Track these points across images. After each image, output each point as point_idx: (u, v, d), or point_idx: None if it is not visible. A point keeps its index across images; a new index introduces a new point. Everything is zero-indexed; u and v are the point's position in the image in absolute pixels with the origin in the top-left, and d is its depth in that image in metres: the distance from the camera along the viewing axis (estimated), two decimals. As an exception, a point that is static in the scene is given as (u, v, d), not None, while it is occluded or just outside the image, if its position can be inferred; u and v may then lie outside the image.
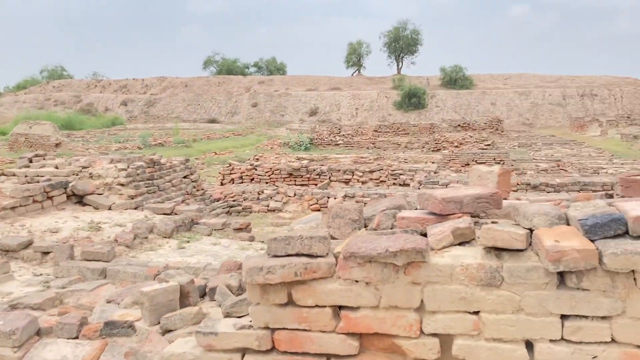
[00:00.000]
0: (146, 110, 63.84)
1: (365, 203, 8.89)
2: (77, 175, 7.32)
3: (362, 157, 20.30)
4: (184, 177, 8.28)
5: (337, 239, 2.37)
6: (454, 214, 2.07)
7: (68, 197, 6.13)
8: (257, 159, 20.47)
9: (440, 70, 62.00)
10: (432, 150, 25.14)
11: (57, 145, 26.37)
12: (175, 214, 5.77)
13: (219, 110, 62.31)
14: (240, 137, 39.35)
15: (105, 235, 4.69)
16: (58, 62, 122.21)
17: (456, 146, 25.14)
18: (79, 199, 6.20)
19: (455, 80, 59.31)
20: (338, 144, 29.19)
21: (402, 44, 69.14)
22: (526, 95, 54.32)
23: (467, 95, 55.75)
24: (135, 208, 5.96)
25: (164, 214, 5.79)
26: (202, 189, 10.05)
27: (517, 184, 9.99)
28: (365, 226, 2.42)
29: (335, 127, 31.29)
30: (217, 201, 9.94)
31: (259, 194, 10.09)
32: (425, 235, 2.09)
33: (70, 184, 6.22)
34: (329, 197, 9.39)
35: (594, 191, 9.81)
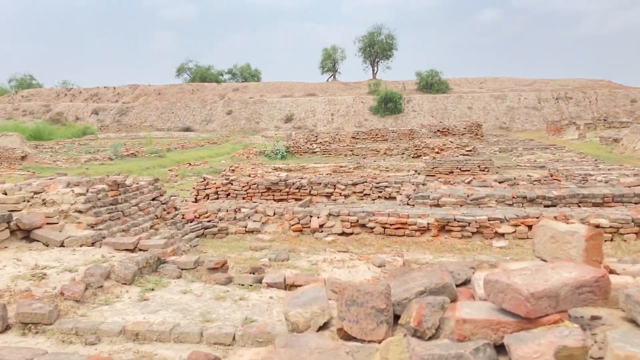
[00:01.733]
0: (118, 119, 62.33)
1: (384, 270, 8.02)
2: (28, 202, 6.42)
3: (341, 166, 19.60)
4: (153, 199, 7.43)
5: (355, 339, 1.60)
6: (547, 315, 1.33)
7: (12, 232, 5.21)
8: (233, 170, 19.62)
9: (416, 75, 61.83)
10: (413, 157, 24.58)
11: (23, 158, 25.14)
12: (140, 249, 4.93)
13: (193, 119, 61.12)
14: (215, 146, 38.46)
15: (51, 286, 3.82)
16: (27, 71, 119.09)
17: (437, 152, 24.64)
18: (26, 234, 5.29)
19: (431, 84, 59.18)
20: (315, 152, 28.43)
21: (377, 49, 68.93)
22: (502, 99, 54.40)
23: (443, 99, 55.63)
24: (92, 244, 5.08)
25: (126, 249, 4.94)
26: (175, 209, 9.20)
27: (513, 197, 9.35)
28: (396, 317, 1.66)
29: (312, 135, 30.53)
30: (191, 222, 9.09)
31: (235, 212, 9.26)
32: (500, 347, 1.34)
33: (14, 218, 5.31)
34: (311, 216, 8.61)
35: (594, 204, 9.23)
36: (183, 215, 9.29)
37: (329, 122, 56.67)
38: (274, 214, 8.90)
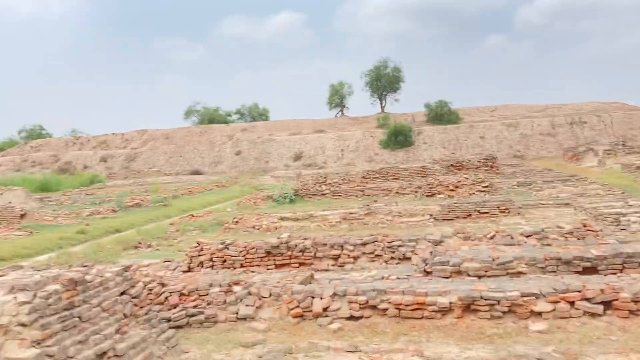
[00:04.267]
0: (126, 165, 61.95)
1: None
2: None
3: (351, 213, 18.39)
4: (121, 294, 6.28)
5: None
6: None
7: None
8: (237, 222, 18.55)
9: (425, 106, 61.07)
10: (427, 196, 23.30)
11: (22, 216, 24.09)
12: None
13: (202, 161, 60.58)
14: (223, 190, 37.57)
15: None
16: (37, 121, 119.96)
17: (452, 190, 23.37)
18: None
19: (441, 115, 58.28)
20: (325, 194, 27.26)
21: (384, 82, 68.42)
22: (514, 126, 53.19)
23: (454, 130, 54.55)
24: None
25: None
26: (149, 303, 8.06)
27: (546, 259, 8.05)
28: None
29: (321, 176, 29.46)
30: (174, 307, 7.91)
31: (226, 293, 8.06)
32: None
33: None
34: (313, 297, 7.39)
35: (642, 264, 7.90)
36: (166, 297, 8.13)
37: (339, 158, 55.74)
38: (270, 295, 7.68)
